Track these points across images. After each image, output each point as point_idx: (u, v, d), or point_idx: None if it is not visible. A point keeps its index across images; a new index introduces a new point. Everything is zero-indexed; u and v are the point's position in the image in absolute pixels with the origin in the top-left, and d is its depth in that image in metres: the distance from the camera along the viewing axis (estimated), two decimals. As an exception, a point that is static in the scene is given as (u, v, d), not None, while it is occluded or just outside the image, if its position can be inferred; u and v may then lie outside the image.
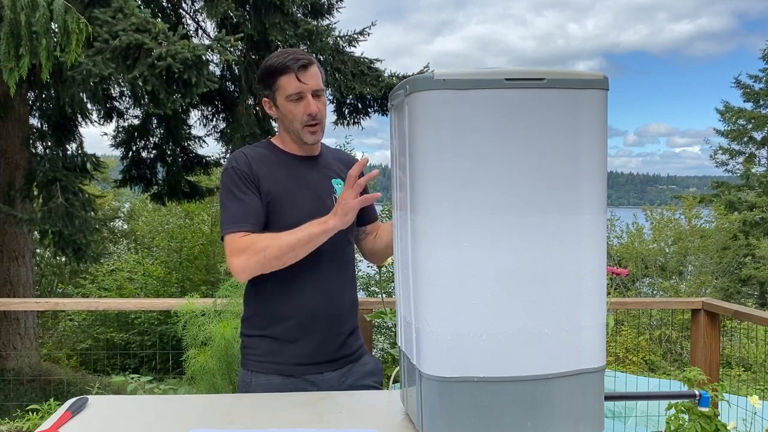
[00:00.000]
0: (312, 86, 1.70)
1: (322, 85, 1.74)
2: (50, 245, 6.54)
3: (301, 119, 1.70)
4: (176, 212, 12.00)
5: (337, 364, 1.75)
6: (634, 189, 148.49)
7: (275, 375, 1.71)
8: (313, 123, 1.71)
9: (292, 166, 1.76)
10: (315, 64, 1.73)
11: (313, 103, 1.70)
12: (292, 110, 1.71)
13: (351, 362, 1.79)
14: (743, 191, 20.77)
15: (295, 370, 1.71)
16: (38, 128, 7.25)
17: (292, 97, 1.70)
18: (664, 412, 1.42)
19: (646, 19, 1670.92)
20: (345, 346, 1.77)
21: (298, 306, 1.71)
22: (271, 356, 1.72)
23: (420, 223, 1.16)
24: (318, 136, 1.74)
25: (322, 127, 1.74)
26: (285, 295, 1.71)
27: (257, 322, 1.76)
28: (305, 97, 1.70)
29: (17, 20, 3.94)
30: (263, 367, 1.73)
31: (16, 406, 4.44)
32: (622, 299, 4.53)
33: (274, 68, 1.72)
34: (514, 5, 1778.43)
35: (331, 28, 7.15)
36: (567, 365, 1.17)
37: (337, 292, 1.75)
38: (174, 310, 3.23)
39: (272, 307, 1.73)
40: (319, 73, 1.74)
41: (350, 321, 1.80)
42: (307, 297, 1.71)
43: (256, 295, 1.76)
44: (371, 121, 8.41)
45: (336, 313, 1.75)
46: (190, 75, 5.02)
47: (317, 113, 1.71)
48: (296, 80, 1.68)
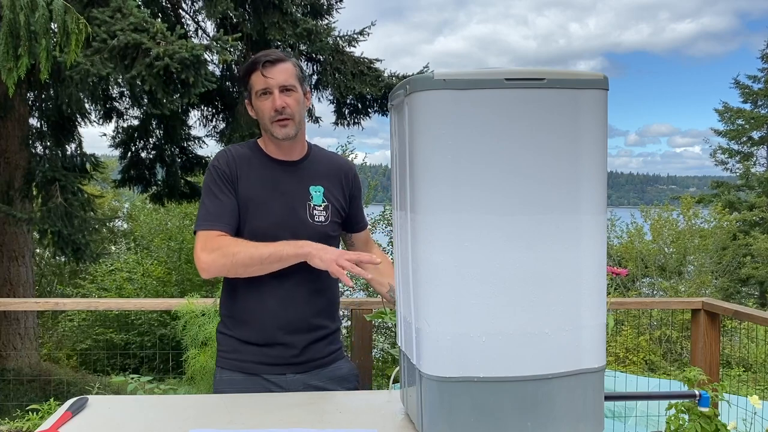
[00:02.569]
0: (279, 81, 1.70)
1: (295, 81, 1.73)
2: (49, 245, 6.55)
3: (269, 115, 1.71)
4: (176, 213, 12.00)
5: (300, 367, 1.75)
6: (634, 189, 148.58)
7: (238, 372, 1.74)
8: (281, 118, 1.70)
9: (269, 170, 1.76)
10: (286, 61, 1.73)
11: (280, 97, 1.70)
12: (261, 106, 1.73)
13: (318, 367, 1.78)
14: (743, 191, 20.79)
15: (257, 368, 1.73)
16: (38, 128, 7.25)
17: (260, 94, 1.72)
18: (664, 412, 1.42)
19: (648, 19, 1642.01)
20: (310, 350, 1.76)
21: (260, 310, 1.72)
22: (235, 353, 1.75)
23: (420, 223, 1.16)
24: (289, 131, 1.72)
25: (294, 122, 1.72)
26: (249, 298, 1.73)
27: (227, 321, 1.79)
28: (272, 93, 1.70)
29: (16, 20, 3.94)
30: (229, 363, 1.76)
31: (16, 406, 4.43)
32: (622, 299, 4.53)
33: (246, 68, 1.75)
34: (516, 5, 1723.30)
35: (331, 28, 7.15)
36: (567, 365, 1.17)
37: (303, 298, 1.74)
38: (174, 310, 3.23)
39: (238, 309, 1.76)
40: (291, 69, 1.73)
41: (319, 326, 1.78)
42: (266, 303, 1.71)
43: (227, 295, 1.79)
44: (372, 121, 8.40)
45: (298, 319, 1.74)
46: (188, 75, 5.01)
47: (285, 108, 1.70)
48: (262, 76, 1.70)
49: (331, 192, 1.81)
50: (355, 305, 3.29)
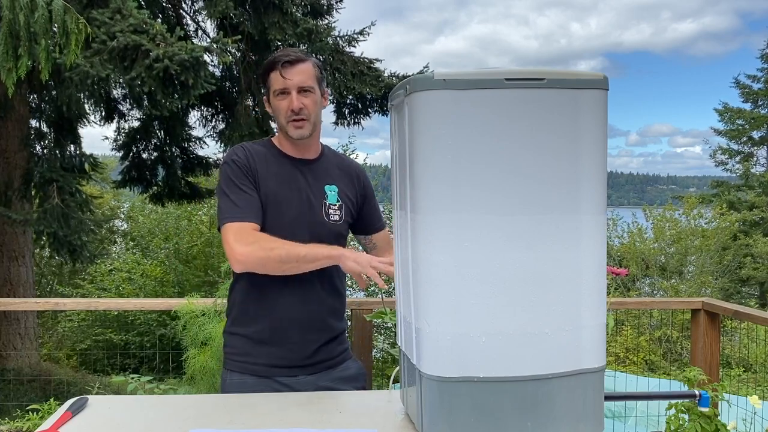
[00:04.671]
0: (297, 82, 1.71)
1: (313, 83, 1.74)
2: (45, 246, 6.55)
3: (285, 114, 1.72)
4: (175, 213, 11.99)
5: (312, 369, 1.75)
6: (634, 189, 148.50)
7: (249, 375, 1.73)
8: (297, 118, 1.71)
9: (285, 167, 1.76)
10: (306, 62, 1.74)
11: (297, 98, 1.71)
12: (278, 106, 1.74)
13: (329, 368, 1.78)
14: (743, 191, 20.79)
15: (269, 371, 1.72)
16: (37, 128, 7.25)
17: (277, 93, 1.73)
18: (664, 412, 1.42)
19: (650, 19, 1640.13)
20: (323, 351, 1.77)
21: (273, 308, 1.72)
22: (246, 356, 1.74)
23: (420, 223, 1.16)
24: (304, 131, 1.73)
25: (310, 122, 1.73)
26: (261, 296, 1.72)
27: (236, 321, 1.78)
28: (290, 93, 1.71)
29: (16, 20, 3.94)
30: (238, 366, 1.75)
31: (16, 406, 4.43)
32: (622, 299, 4.53)
33: (265, 66, 1.76)
34: (517, 4, 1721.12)
35: (331, 28, 7.15)
36: (567, 365, 1.17)
37: (316, 297, 1.74)
38: (174, 310, 3.23)
39: (249, 307, 1.75)
40: (310, 70, 1.74)
41: (331, 327, 1.79)
42: (282, 300, 1.71)
43: (237, 293, 1.78)
44: (372, 121, 8.40)
45: (313, 318, 1.74)
46: (187, 76, 5.01)
47: (301, 108, 1.71)
48: (281, 76, 1.71)
49: (345, 192, 1.82)
50: (355, 305, 3.29)
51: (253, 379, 1.72)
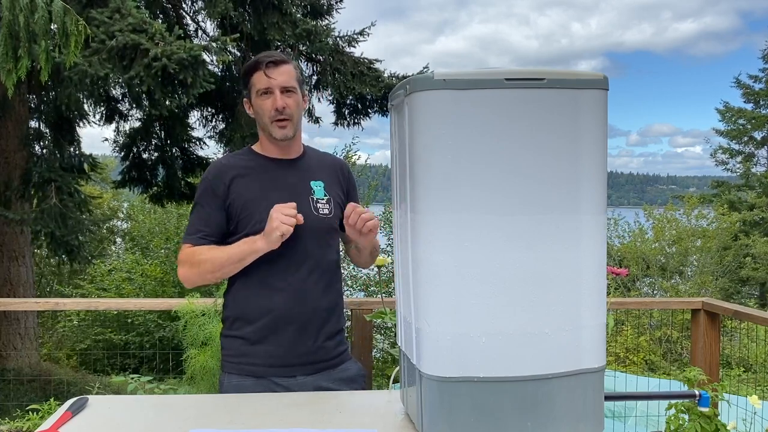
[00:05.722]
0: (280, 82, 1.73)
1: (295, 84, 1.77)
2: (42, 246, 6.55)
3: (269, 114, 1.74)
4: (175, 213, 11.98)
5: (310, 368, 1.75)
6: (634, 189, 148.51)
7: (247, 376, 1.73)
8: (281, 118, 1.74)
9: (268, 169, 1.79)
10: (288, 63, 1.77)
11: (281, 98, 1.73)
12: (261, 105, 1.76)
13: (327, 368, 1.78)
14: (743, 191, 20.78)
15: (266, 371, 1.72)
16: (36, 129, 7.25)
17: (261, 93, 1.75)
18: (664, 412, 1.42)
19: (650, 18, 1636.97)
20: (321, 350, 1.76)
21: (267, 307, 1.72)
22: (243, 357, 1.74)
23: (420, 223, 1.16)
24: (287, 132, 1.76)
25: (293, 123, 1.76)
26: (255, 296, 1.73)
27: (232, 322, 1.79)
28: (274, 92, 1.73)
29: (16, 21, 3.94)
30: (236, 368, 1.75)
31: (16, 406, 4.43)
32: (622, 299, 4.53)
33: (247, 67, 1.78)
34: (517, 4, 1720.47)
35: (331, 28, 7.15)
36: (567, 365, 1.17)
37: (311, 295, 1.75)
38: (174, 310, 3.23)
39: (244, 308, 1.76)
40: (292, 71, 1.77)
41: (328, 325, 1.79)
42: (277, 298, 1.72)
43: (231, 295, 1.80)
44: (372, 122, 8.39)
45: (309, 317, 1.74)
46: (185, 75, 5.01)
47: (285, 108, 1.73)
48: (264, 76, 1.73)
49: (331, 186, 1.84)
50: (355, 305, 3.29)
51: (251, 380, 1.72)
